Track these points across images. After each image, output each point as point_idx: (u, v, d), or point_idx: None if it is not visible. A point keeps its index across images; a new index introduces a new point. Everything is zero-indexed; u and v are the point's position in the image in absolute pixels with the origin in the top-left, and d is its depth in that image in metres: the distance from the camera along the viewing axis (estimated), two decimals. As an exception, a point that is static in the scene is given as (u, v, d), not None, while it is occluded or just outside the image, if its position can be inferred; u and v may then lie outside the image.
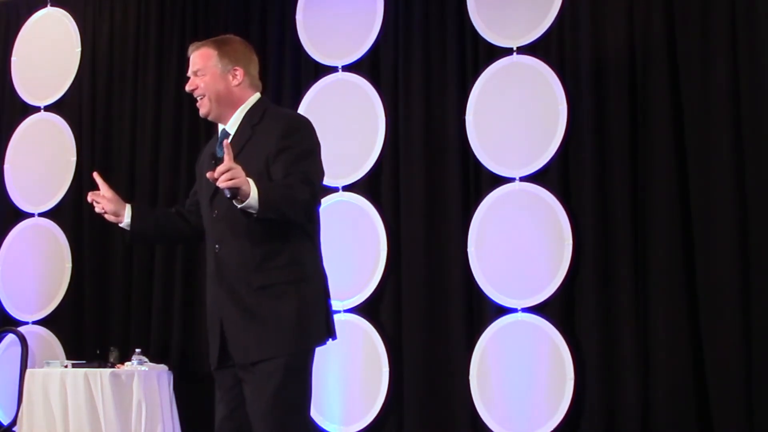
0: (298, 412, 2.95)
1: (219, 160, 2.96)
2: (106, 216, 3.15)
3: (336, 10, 5.76)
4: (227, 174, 2.69)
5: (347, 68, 5.69)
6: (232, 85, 3.06)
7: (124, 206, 3.15)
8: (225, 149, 2.76)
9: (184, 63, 6.18)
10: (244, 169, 2.74)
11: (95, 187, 3.17)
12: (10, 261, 6.53)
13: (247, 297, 2.93)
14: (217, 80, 3.05)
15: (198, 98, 3.09)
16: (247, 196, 2.73)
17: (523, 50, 5.23)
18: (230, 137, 3.02)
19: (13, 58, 6.73)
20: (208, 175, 2.79)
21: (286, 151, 2.93)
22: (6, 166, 6.62)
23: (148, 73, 6.32)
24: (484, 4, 5.36)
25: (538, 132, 5.12)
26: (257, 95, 3.13)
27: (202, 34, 6.19)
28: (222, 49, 3.09)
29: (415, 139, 5.46)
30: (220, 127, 3.12)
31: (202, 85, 3.06)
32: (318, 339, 3.02)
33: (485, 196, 5.22)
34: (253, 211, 2.77)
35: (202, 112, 3.10)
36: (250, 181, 2.74)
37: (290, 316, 2.93)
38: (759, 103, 4.66)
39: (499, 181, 5.21)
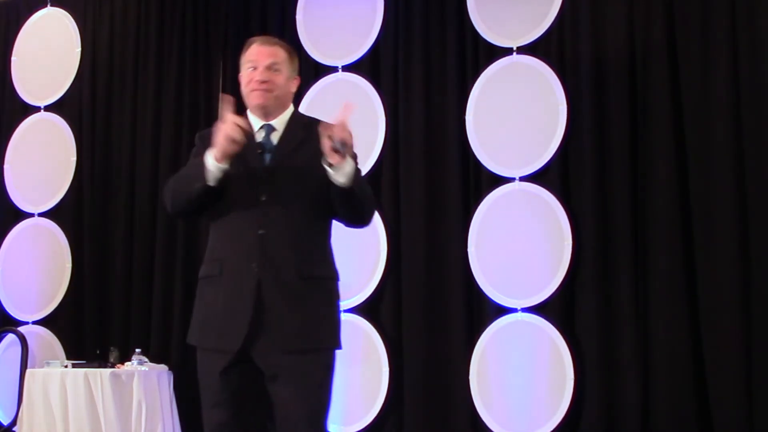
0: (329, 409, 2.95)
1: (266, 148, 2.99)
2: (235, 141, 2.88)
3: (336, 10, 5.77)
4: (347, 130, 2.78)
5: (347, 68, 5.70)
6: (291, 90, 3.14)
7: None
8: (344, 109, 2.81)
9: (185, 63, 6.28)
10: (308, 165, 2.89)
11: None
12: (10, 261, 6.52)
13: (297, 284, 2.90)
14: (287, 80, 3.10)
15: (262, 90, 3.07)
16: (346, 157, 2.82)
17: (523, 50, 5.24)
18: (275, 131, 3.05)
19: (13, 58, 6.73)
20: (337, 118, 2.80)
21: None
22: (6, 166, 6.62)
23: (148, 73, 6.32)
24: (484, 4, 5.36)
25: (538, 132, 5.12)
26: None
27: (201, 34, 6.22)
28: (291, 56, 3.15)
29: (415, 139, 5.47)
30: (258, 121, 3.08)
31: (276, 80, 3.08)
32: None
33: (485, 196, 5.22)
34: (344, 176, 2.82)
35: (259, 101, 3.06)
36: None
37: (334, 312, 2.98)
38: (759, 103, 4.66)
39: (499, 181, 5.21)
